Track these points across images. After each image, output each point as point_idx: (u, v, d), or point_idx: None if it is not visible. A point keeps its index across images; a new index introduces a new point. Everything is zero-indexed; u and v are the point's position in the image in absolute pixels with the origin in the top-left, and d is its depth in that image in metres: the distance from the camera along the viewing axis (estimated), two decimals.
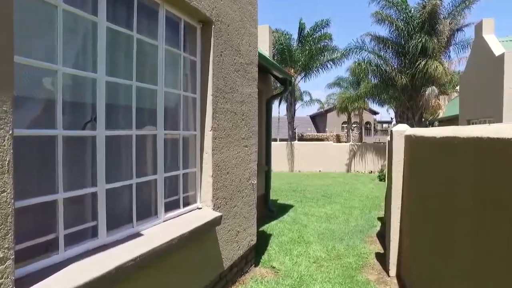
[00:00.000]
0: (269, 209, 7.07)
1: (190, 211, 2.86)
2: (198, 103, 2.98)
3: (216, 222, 2.87)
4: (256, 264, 4.24)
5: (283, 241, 5.30)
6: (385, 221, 6.49)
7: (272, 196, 9.84)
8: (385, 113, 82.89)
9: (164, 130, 2.58)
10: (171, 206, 2.71)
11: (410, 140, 3.25)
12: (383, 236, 5.64)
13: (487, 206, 1.52)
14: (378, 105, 28.25)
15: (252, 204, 3.94)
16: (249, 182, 3.78)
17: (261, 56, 5.88)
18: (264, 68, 6.42)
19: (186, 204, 2.89)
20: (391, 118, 46.57)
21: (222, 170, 3.15)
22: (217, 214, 2.88)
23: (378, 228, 6.49)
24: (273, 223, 6.57)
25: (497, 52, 7.66)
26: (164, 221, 2.56)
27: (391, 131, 3.60)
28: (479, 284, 1.66)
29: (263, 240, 5.33)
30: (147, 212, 2.47)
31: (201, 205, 2.98)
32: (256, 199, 6.47)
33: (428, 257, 2.42)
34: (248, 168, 3.79)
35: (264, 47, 7.15)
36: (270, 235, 5.66)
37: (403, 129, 3.50)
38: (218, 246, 3.08)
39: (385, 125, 48.00)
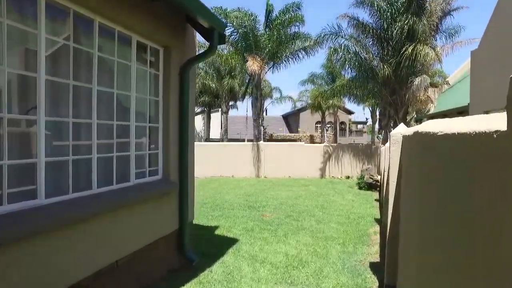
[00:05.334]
0: (186, 257, 4.01)
1: None
2: None
3: None
4: None
5: None
6: (385, 282, 3.63)
7: (215, 219, 6.79)
8: (361, 112, 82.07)
9: None
10: None
11: None
12: None
13: None
14: (354, 103, 26.01)
15: None
16: None
17: None
18: (171, 3, 3.40)
19: None
20: (366, 119, 44.98)
21: None
22: None
23: None
24: None
25: None
26: None
27: None
28: None
29: None
30: None
31: None
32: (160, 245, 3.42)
33: None
34: None
35: None
36: None
37: None
38: None
39: (360, 126, 46.50)
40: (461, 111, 9.68)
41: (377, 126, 31.55)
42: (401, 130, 3.33)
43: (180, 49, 3.98)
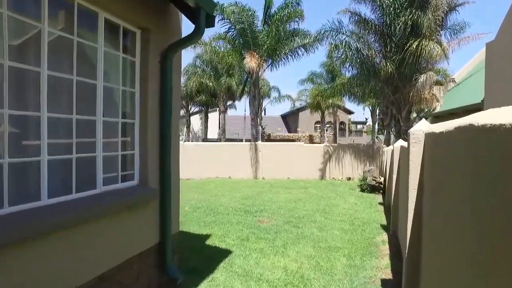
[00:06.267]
0: (168, 276, 3.43)
1: None
2: None
3: None
4: None
5: None
6: None
7: (208, 225, 6.20)
8: (361, 112, 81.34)
9: None
10: None
11: None
12: None
13: None
14: (354, 102, 25.41)
15: None
16: None
17: None
18: None
19: None
20: (366, 119, 44.38)
21: None
22: None
23: None
24: None
25: None
26: None
27: None
28: None
29: None
30: None
31: None
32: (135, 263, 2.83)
33: None
34: None
35: None
36: None
37: None
38: None
39: (359, 126, 46.01)
40: (470, 110, 9.17)
41: (377, 126, 31.03)
42: (423, 128, 2.76)
43: (162, 33, 3.40)
